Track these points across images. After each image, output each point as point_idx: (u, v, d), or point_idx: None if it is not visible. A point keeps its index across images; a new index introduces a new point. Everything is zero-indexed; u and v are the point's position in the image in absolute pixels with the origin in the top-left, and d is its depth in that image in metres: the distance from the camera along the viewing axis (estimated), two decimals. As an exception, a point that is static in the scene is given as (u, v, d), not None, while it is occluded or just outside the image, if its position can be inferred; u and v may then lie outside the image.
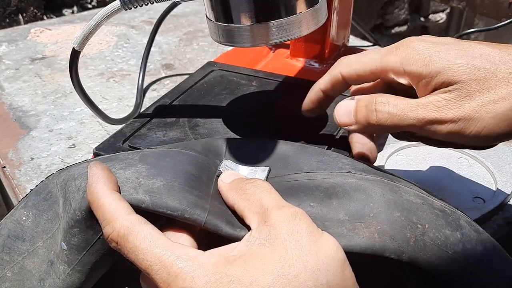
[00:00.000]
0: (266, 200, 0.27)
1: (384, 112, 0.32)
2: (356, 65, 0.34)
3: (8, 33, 0.76)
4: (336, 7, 0.52)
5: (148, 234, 0.25)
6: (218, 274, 0.24)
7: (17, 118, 0.55)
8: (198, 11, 0.86)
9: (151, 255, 0.24)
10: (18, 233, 0.31)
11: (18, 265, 0.30)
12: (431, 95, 0.31)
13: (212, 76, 0.50)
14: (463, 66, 0.30)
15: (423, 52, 0.31)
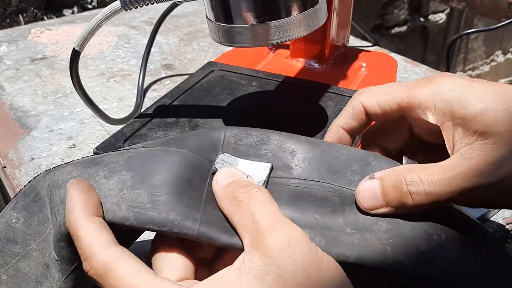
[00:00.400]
0: (260, 216, 0.24)
1: (421, 193, 0.27)
2: (380, 96, 0.31)
3: (9, 33, 0.76)
4: (336, 8, 0.52)
5: (128, 272, 0.23)
6: None
7: (17, 118, 0.55)
8: (198, 11, 0.86)
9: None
10: (9, 236, 0.30)
11: (12, 268, 0.30)
12: (466, 157, 0.27)
13: (212, 76, 0.50)
14: (500, 113, 0.26)
15: (458, 89, 0.28)
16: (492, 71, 2.00)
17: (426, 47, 1.69)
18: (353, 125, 0.32)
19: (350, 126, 0.32)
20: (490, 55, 1.96)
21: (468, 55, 1.86)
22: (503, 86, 0.28)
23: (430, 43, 1.69)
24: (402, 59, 0.67)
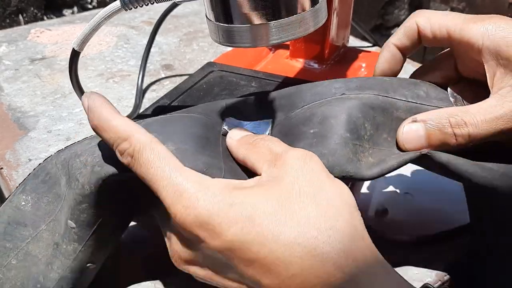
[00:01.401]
0: (277, 148, 0.28)
1: (465, 135, 0.29)
2: (434, 21, 0.33)
3: (8, 33, 0.76)
4: (336, 8, 0.52)
5: (163, 153, 0.26)
6: (222, 197, 0.24)
7: (15, 119, 0.54)
8: (198, 12, 0.86)
9: (162, 172, 0.25)
10: (18, 219, 0.30)
11: (22, 252, 0.30)
12: (507, 99, 0.29)
13: (211, 76, 0.50)
14: None
15: (506, 30, 0.29)
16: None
17: (426, 48, 1.68)
18: (406, 43, 0.35)
19: (403, 44, 0.35)
20: (490, 55, 1.95)
21: (469, 56, 1.86)
22: None
23: (431, 44, 1.69)
24: (403, 60, 0.66)
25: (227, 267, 0.25)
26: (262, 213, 0.24)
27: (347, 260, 0.23)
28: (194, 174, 0.26)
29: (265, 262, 0.24)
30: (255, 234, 0.24)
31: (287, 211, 0.24)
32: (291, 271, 0.23)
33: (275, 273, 0.24)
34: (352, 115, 0.32)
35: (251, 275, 0.24)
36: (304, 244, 0.23)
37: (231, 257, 0.24)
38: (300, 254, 0.23)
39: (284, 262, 0.23)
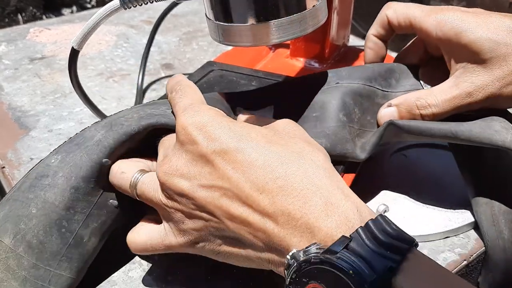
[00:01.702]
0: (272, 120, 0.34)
1: (429, 114, 0.37)
2: (400, 12, 0.40)
3: (7, 32, 0.76)
4: (337, 7, 0.52)
5: (199, 94, 0.33)
6: (226, 118, 0.30)
7: (16, 118, 0.54)
8: (198, 11, 0.85)
9: (187, 96, 0.32)
10: (44, 173, 0.32)
11: (40, 200, 0.31)
12: (460, 80, 0.36)
13: (211, 75, 0.50)
14: (487, 42, 0.34)
15: (457, 21, 0.35)
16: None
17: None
18: (382, 32, 0.42)
19: (379, 34, 0.42)
20: (490, 54, 1.95)
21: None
22: (495, 17, 0.35)
23: (430, 43, 1.68)
24: (403, 59, 0.66)
25: (212, 175, 0.28)
26: (259, 132, 0.29)
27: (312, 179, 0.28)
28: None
29: (254, 163, 0.28)
30: (250, 142, 0.28)
31: (279, 137, 0.30)
32: (276, 174, 0.27)
33: (262, 174, 0.27)
34: (346, 101, 0.38)
35: (236, 178, 0.28)
36: (289, 157, 0.28)
37: (220, 161, 0.28)
38: (287, 161, 0.28)
39: (271, 166, 0.28)
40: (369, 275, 0.23)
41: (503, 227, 0.37)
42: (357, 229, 0.25)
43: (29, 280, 0.31)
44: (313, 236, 0.26)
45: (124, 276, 0.35)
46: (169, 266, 0.36)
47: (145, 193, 0.31)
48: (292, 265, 0.25)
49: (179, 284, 0.35)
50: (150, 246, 0.32)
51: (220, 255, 0.30)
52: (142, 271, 0.36)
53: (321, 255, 0.24)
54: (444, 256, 0.38)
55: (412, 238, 0.26)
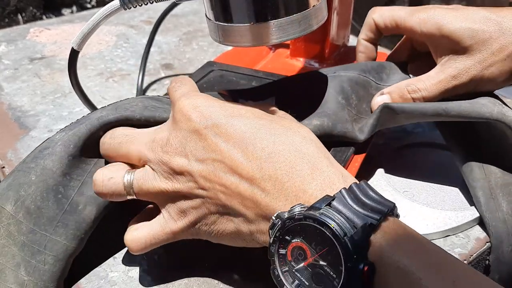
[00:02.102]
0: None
1: (420, 98, 0.40)
2: (386, 15, 0.43)
3: (7, 32, 0.76)
4: (336, 7, 0.52)
5: (195, 86, 0.35)
6: (219, 101, 0.32)
7: (16, 118, 0.54)
8: (198, 11, 0.85)
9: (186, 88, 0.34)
10: (46, 146, 0.34)
11: (39, 167, 0.33)
12: (445, 66, 0.40)
13: (211, 76, 0.50)
14: (466, 30, 0.38)
15: (438, 17, 0.39)
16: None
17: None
18: (371, 36, 0.45)
19: (369, 37, 0.46)
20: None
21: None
22: (472, 10, 0.39)
23: (430, 43, 1.68)
24: (402, 59, 0.66)
25: (205, 149, 0.30)
26: (249, 109, 0.31)
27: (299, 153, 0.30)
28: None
29: (244, 135, 0.29)
30: (240, 117, 0.30)
31: (269, 115, 0.32)
32: (265, 143, 0.29)
33: (251, 144, 0.29)
34: (344, 87, 0.41)
35: (227, 149, 0.29)
36: (278, 129, 0.30)
37: (212, 134, 0.30)
38: (275, 132, 0.30)
39: (260, 136, 0.29)
40: (349, 230, 0.24)
41: (501, 200, 0.39)
42: (341, 190, 0.27)
43: (27, 245, 0.32)
44: (298, 199, 0.28)
45: (124, 276, 0.35)
46: (169, 266, 0.36)
47: (143, 187, 0.31)
48: (277, 224, 0.26)
49: (179, 284, 0.35)
50: (152, 238, 0.32)
51: (214, 235, 0.31)
52: (142, 271, 0.36)
53: (304, 212, 0.25)
54: (444, 256, 0.38)
55: (393, 204, 0.27)
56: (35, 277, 0.32)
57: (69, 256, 0.33)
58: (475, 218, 0.40)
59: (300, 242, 0.26)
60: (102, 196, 0.32)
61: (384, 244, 0.25)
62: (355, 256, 0.24)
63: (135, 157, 0.32)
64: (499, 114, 0.38)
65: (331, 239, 0.24)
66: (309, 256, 0.26)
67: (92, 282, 0.35)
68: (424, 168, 0.46)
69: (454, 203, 0.41)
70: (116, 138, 0.33)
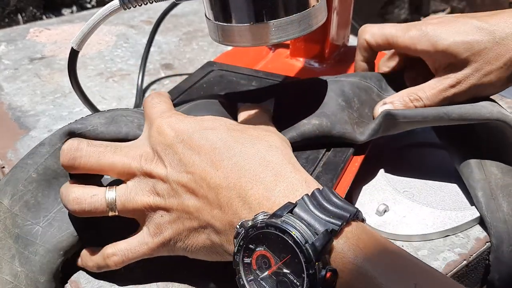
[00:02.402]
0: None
1: (421, 105, 0.41)
2: (377, 35, 0.44)
3: (7, 32, 0.76)
4: (336, 7, 0.52)
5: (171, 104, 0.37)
6: (188, 119, 0.33)
7: (16, 118, 0.54)
8: (198, 11, 0.85)
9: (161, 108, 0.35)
10: (42, 142, 0.35)
11: (41, 166, 0.34)
12: (444, 77, 0.40)
13: (211, 76, 0.50)
14: (461, 44, 0.39)
15: (431, 33, 0.40)
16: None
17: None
18: (366, 55, 0.46)
19: (365, 57, 0.47)
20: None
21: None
22: (462, 21, 0.40)
23: (430, 43, 1.68)
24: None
25: (180, 162, 0.31)
26: (222, 122, 0.33)
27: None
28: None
29: (214, 145, 0.30)
30: (211, 130, 0.32)
31: (241, 125, 0.33)
32: (232, 152, 0.30)
33: (219, 153, 0.30)
34: (345, 90, 0.42)
35: (198, 160, 0.30)
36: (246, 139, 0.31)
37: (184, 148, 0.31)
38: (243, 142, 0.31)
39: (228, 146, 0.30)
40: (311, 236, 0.25)
41: (501, 201, 0.39)
42: (303, 196, 0.27)
43: (21, 237, 0.33)
44: (261, 206, 0.28)
45: (124, 276, 0.35)
46: (169, 266, 0.36)
47: (126, 204, 0.32)
48: (240, 233, 0.27)
49: (179, 284, 0.35)
50: (129, 252, 0.33)
51: (189, 250, 0.32)
52: (142, 271, 0.36)
53: (267, 220, 0.26)
54: (444, 256, 0.38)
55: (357, 209, 0.27)
56: (27, 268, 0.33)
57: (60, 249, 0.33)
58: (475, 218, 0.40)
59: (264, 250, 0.26)
60: (81, 213, 0.32)
61: (346, 250, 0.25)
62: (317, 263, 0.24)
63: (120, 168, 0.32)
64: (499, 114, 0.38)
65: (293, 246, 0.24)
66: (273, 264, 0.26)
67: (92, 282, 0.35)
68: (424, 168, 0.46)
69: (454, 203, 0.41)
70: (97, 146, 0.33)
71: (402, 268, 0.25)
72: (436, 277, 0.25)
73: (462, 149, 0.42)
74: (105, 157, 0.32)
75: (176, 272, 0.35)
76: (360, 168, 0.40)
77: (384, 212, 0.40)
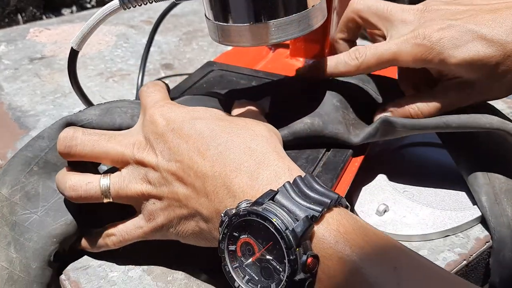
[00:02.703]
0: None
1: (420, 115, 0.40)
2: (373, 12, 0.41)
3: (7, 32, 0.76)
4: (336, 7, 0.52)
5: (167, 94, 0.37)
6: (180, 108, 0.34)
7: (16, 118, 0.54)
8: (198, 11, 0.85)
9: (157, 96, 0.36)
10: (39, 134, 0.36)
11: (42, 160, 0.36)
12: (448, 90, 0.39)
13: (211, 76, 0.50)
14: (472, 63, 0.36)
15: (436, 49, 0.37)
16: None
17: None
18: (350, 34, 0.44)
19: (348, 35, 0.44)
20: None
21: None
22: (471, 32, 0.36)
23: (430, 43, 1.68)
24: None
25: (170, 150, 0.31)
26: (212, 112, 0.33)
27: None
28: None
29: (202, 134, 0.31)
30: (200, 119, 0.32)
31: (229, 116, 0.34)
32: (218, 141, 0.31)
33: (206, 142, 0.31)
34: (342, 91, 0.42)
35: (186, 149, 0.31)
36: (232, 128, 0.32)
37: (174, 137, 0.31)
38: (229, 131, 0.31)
39: (215, 135, 0.31)
40: (291, 223, 0.25)
41: (505, 205, 0.38)
42: (284, 184, 0.27)
43: (18, 224, 0.34)
44: (245, 195, 0.28)
45: (124, 276, 0.35)
46: (168, 265, 0.36)
47: (120, 191, 0.33)
48: (225, 221, 0.27)
49: (179, 283, 0.35)
50: (125, 233, 0.34)
51: (180, 235, 0.33)
52: (142, 271, 0.36)
53: (249, 208, 0.26)
54: (444, 256, 0.38)
55: (338, 196, 0.27)
56: (21, 254, 0.34)
57: (54, 237, 0.34)
58: (475, 218, 0.40)
59: (247, 237, 0.27)
60: (78, 199, 0.33)
61: (327, 235, 0.25)
62: (298, 249, 0.25)
63: (113, 156, 0.33)
64: (499, 123, 0.37)
65: (274, 233, 0.25)
66: (257, 251, 0.26)
67: (92, 282, 0.35)
68: (424, 168, 0.46)
69: (454, 203, 0.41)
70: (92, 135, 0.34)
71: (382, 251, 0.25)
72: (418, 260, 0.26)
73: (466, 154, 0.41)
74: (99, 146, 0.33)
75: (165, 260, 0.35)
76: (360, 168, 0.40)
77: (384, 212, 0.40)
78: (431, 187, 0.43)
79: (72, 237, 0.35)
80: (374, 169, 0.45)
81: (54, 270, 0.35)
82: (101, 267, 0.36)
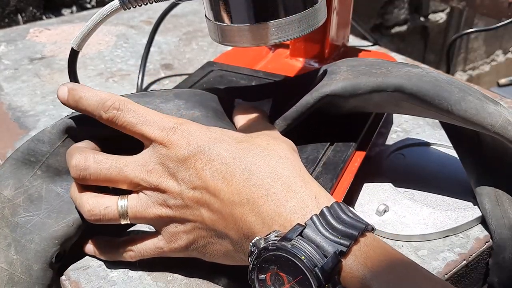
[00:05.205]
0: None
1: None
2: None
3: (7, 33, 0.76)
4: (336, 7, 0.52)
5: (140, 106, 0.33)
6: (200, 128, 0.32)
7: (16, 118, 0.54)
8: (198, 11, 0.85)
9: (149, 116, 0.32)
10: (39, 137, 0.36)
11: (44, 165, 0.36)
12: None
13: (211, 76, 0.50)
14: None
15: None
16: (492, 71, 2.00)
17: (426, 47, 1.68)
18: None
19: None
20: (490, 54, 1.95)
21: (469, 55, 1.86)
22: None
23: (430, 43, 1.69)
24: (403, 59, 0.66)
25: (193, 177, 0.31)
26: (231, 135, 0.33)
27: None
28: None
29: (225, 160, 0.30)
30: (222, 143, 0.31)
31: (248, 136, 0.33)
32: (243, 167, 0.30)
33: (230, 169, 0.30)
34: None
35: (211, 175, 0.30)
36: (255, 151, 0.31)
37: (198, 163, 0.31)
38: (252, 154, 0.31)
39: (239, 160, 0.30)
40: (320, 260, 0.25)
41: (507, 207, 0.38)
42: (312, 216, 0.27)
43: (20, 226, 0.34)
44: (274, 222, 0.29)
45: (124, 276, 0.35)
46: (168, 265, 0.36)
47: (138, 214, 0.33)
48: (254, 252, 0.28)
49: (179, 283, 0.35)
50: (144, 251, 0.34)
51: (206, 255, 0.33)
52: (142, 271, 0.36)
53: (277, 243, 0.26)
54: (444, 256, 0.38)
55: (365, 224, 0.28)
56: (22, 255, 0.34)
57: (55, 238, 0.34)
58: (475, 219, 0.40)
59: (276, 269, 0.27)
60: (96, 222, 0.33)
61: (355, 269, 0.26)
62: (327, 285, 0.25)
63: (128, 184, 0.33)
64: (500, 128, 0.35)
65: (303, 270, 0.26)
66: (286, 282, 0.27)
67: (92, 282, 0.35)
68: (424, 168, 0.46)
69: (454, 203, 0.41)
70: (103, 163, 0.33)
71: (409, 281, 0.26)
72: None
73: (472, 154, 0.41)
74: (113, 175, 0.33)
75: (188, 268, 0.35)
76: (360, 168, 0.40)
77: (384, 212, 0.41)
78: (431, 187, 0.43)
79: (73, 238, 0.35)
80: (374, 169, 0.45)
81: (55, 271, 0.35)
82: (101, 267, 0.36)
